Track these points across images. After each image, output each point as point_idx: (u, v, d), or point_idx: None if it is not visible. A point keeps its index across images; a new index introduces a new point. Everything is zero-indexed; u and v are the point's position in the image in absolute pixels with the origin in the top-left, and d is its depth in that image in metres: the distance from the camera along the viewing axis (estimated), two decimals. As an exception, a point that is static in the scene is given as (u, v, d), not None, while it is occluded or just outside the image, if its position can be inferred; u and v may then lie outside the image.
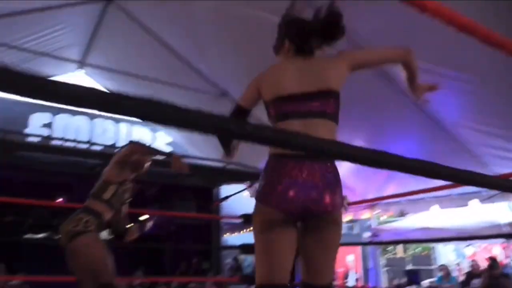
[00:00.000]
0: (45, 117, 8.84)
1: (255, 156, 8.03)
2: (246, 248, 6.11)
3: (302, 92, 1.70)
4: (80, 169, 7.70)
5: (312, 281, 1.72)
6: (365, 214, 7.40)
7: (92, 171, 7.64)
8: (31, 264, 8.85)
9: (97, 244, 2.50)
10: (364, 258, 9.11)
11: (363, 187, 6.78)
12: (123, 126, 9.48)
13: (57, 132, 8.67)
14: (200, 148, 8.72)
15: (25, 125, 8.50)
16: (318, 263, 1.72)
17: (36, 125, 8.70)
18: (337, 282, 9.65)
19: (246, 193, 9.41)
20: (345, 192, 1.84)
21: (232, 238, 10.43)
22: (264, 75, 1.84)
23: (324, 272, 1.72)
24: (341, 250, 1.99)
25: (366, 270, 8.77)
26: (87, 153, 7.22)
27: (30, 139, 8.19)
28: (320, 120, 1.69)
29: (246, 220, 5.95)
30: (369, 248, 8.23)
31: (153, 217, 2.96)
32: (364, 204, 7.06)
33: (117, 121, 9.40)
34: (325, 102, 1.71)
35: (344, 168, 3.99)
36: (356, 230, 8.98)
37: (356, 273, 10.20)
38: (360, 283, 9.40)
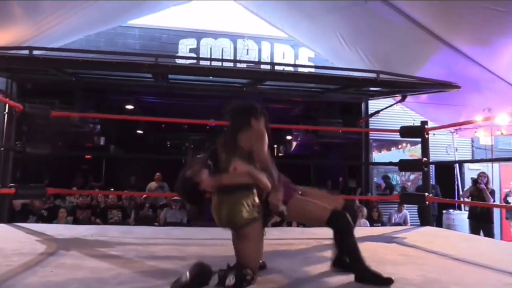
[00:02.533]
0: (190, 42, 9.16)
1: (411, 61, 7.27)
2: (404, 165, 5.61)
3: None
4: (228, 91, 7.89)
5: None
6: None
7: (241, 90, 7.81)
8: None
9: (261, 235, 2.30)
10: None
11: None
12: (265, 44, 9.33)
13: (203, 55, 8.93)
14: (346, 60, 8.12)
15: (175, 50, 8.92)
16: None
17: (184, 50, 9.08)
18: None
19: (397, 107, 8.64)
20: None
21: (379, 157, 9.91)
22: None
23: None
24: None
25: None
26: (234, 71, 7.22)
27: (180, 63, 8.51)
28: None
29: (404, 133, 5.42)
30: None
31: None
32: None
33: (259, 39, 9.29)
34: None
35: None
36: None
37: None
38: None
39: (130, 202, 8.10)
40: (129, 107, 10.12)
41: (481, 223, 7.05)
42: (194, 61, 8.59)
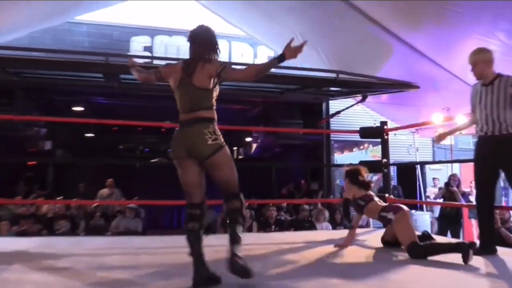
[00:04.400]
0: (144, 40, 8.73)
1: (371, 61, 7.22)
2: (369, 166, 5.46)
3: None
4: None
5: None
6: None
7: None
8: (145, 189, 9.18)
9: (230, 160, 2.43)
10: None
11: None
12: (222, 42, 9.03)
13: (157, 53, 8.54)
14: (305, 60, 7.98)
15: (127, 49, 8.48)
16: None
17: (138, 48, 8.64)
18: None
19: (359, 108, 8.59)
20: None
21: (341, 158, 9.84)
22: None
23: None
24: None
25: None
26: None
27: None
28: None
29: (364, 134, 5.33)
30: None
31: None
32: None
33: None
34: None
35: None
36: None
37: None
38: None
39: (79, 211, 7.54)
40: (78, 108, 9.53)
41: (449, 224, 7.13)
42: (148, 60, 8.17)
